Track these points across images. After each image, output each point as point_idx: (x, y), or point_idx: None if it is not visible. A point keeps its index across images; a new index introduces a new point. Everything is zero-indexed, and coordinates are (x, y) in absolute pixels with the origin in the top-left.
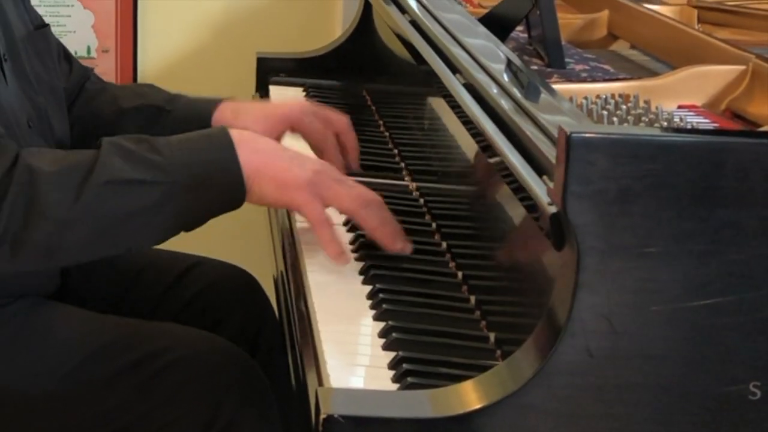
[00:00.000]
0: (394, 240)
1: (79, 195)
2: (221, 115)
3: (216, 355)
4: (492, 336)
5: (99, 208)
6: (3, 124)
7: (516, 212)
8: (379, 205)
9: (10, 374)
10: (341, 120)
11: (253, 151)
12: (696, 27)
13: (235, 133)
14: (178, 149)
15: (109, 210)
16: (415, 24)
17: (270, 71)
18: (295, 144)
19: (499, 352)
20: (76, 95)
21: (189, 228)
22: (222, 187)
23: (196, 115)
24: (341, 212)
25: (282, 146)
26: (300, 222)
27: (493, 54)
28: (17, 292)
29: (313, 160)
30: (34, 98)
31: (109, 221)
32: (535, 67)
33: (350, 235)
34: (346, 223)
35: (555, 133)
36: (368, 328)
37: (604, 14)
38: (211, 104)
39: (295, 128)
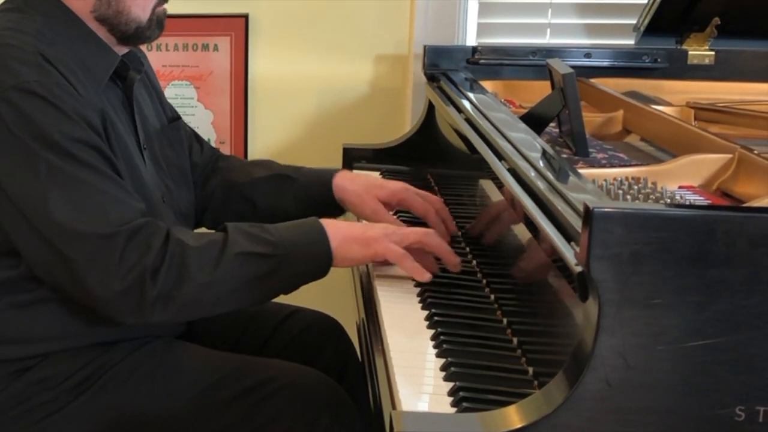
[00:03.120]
0: (451, 258)
1: (218, 264)
2: (340, 181)
3: (311, 384)
4: (530, 370)
5: (231, 274)
6: (145, 199)
7: (549, 271)
8: (434, 234)
9: (148, 399)
10: (437, 199)
11: (336, 228)
12: (693, 123)
13: (324, 221)
14: (284, 231)
15: (239, 275)
16: (469, 121)
17: (354, 159)
18: None
19: (536, 382)
20: (212, 170)
21: (289, 291)
22: (316, 259)
23: (319, 181)
24: (413, 246)
25: (353, 223)
26: (378, 280)
27: (531, 145)
28: (153, 334)
29: (377, 224)
30: (164, 178)
31: (237, 284)
32: (564, 156)
33: (417, 289)
34: (413, 280)
35: (581, 208)
36: (432, 363)
37: (620, 113)
38: (331, 172)
39: (402, 202)
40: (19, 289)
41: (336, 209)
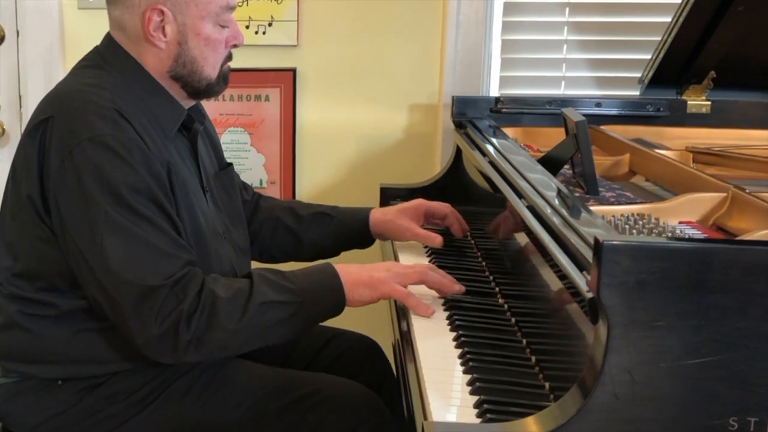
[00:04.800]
0: (452, 287)
1: (244, 313)
2: (374, 216)
3: (353, 395)
4: (547, 385)
5: (256, 321)
6: (207, 236)
7: (563, 297)
8: (434, 270)
9: (206, 410)
10: (447, 204)
11: (347, 274)
12: (692, 166)
13: (337, 267)
14: (302, 278)
15: (262, 321)
16: (492, 163)
17: (389, 197)
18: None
19: (552, 396)
20: (254, 208)
21: (308, 331)
22: (331, 302)
23: (356, 217)
24: (415, 284)
25: (362, 265)
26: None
27: (547, 185)
28: None
29: (382, 264)
30: (222, 217)
31: (261, 329)
32: (577, 194)
33: (446, 313)
34: (444, 303)
35: (592, 241)
36: (459, 378)
37: (627, 156)
38: (366, 210)
39: (426, 212)
40: (91, 316)
41: (368, 241)
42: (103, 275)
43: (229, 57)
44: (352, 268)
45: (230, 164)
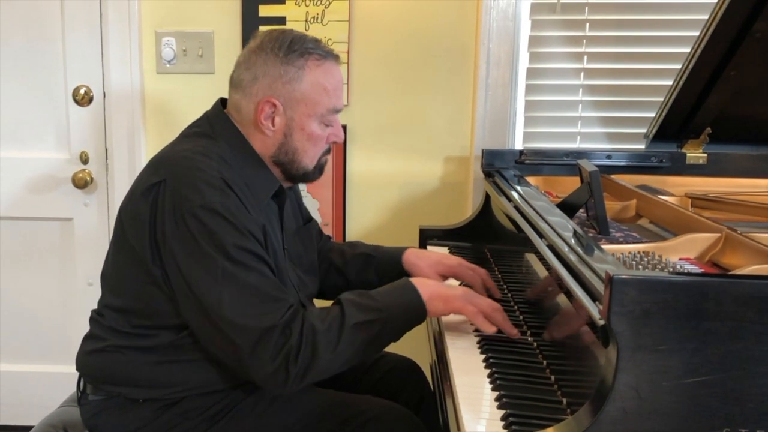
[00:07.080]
0: (510, 330)
1: (339, 340)
2: (409, 257)
3: (395, 415)
4: (564, 400)
5: (350, 343)
6: (288, 286)
7: (578, 323)
8: (500, 310)
9: (267, 427)
10: (483, 271)
11: (426, 286)
12: (690, 210)
13: (414, 281)
14: (385, 296)
15: (354, 342)
16: (517, 208)
17: (427, 237)
18: None
19: (569, 410)
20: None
21: (395, 341)
22: (413, 315)
23: (392, 257)
24: (477, 314)
25: (440, 282)
26: (447, 331)
27: (564, 226)
28: None
29: (458, 287)
30: (297, 270)
31: (355, 349)
32: (590, 234)
33: (477, 338)
34: (475, 330)
35: (604, 275)
36: (488, 395)
37: (634, 202)
38: (401, 250)
39: (456, 275)
40: (180, 351)
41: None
42: (224, 324)
43: (328, 151)
44: (429, 282)
45: (311, 219)
